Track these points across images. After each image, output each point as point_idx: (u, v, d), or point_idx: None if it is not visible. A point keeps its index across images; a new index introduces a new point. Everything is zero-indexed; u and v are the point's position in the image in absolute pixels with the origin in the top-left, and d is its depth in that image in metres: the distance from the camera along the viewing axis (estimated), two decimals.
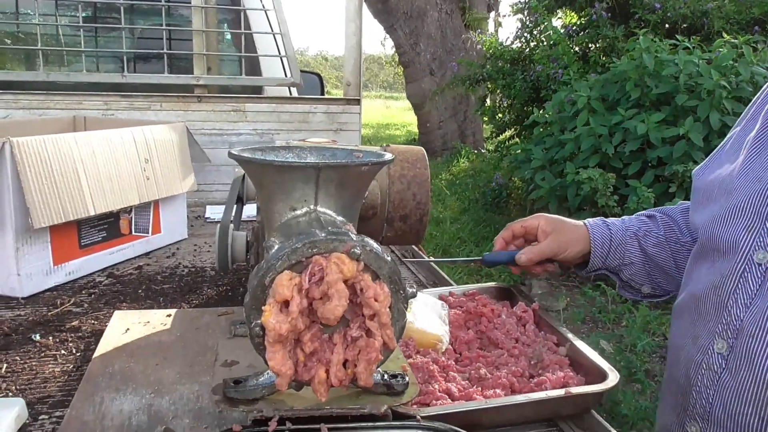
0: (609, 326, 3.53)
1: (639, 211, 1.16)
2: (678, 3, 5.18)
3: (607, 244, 1.06)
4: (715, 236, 0.88)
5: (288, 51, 2.13)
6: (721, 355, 0.84)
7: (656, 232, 1.08)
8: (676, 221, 1.09)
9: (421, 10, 8.95)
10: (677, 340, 0.95)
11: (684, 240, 1.07)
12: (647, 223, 1.09)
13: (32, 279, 1.18)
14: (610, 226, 1.07)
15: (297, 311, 0.56)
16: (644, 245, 1.07)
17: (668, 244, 1.07)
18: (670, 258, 1.07)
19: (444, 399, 0.80)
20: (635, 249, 1.07)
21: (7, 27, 2.48)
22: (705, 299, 0.89)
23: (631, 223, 1.09)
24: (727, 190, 0.89)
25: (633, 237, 1.07)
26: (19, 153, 1.10)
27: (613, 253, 1.06)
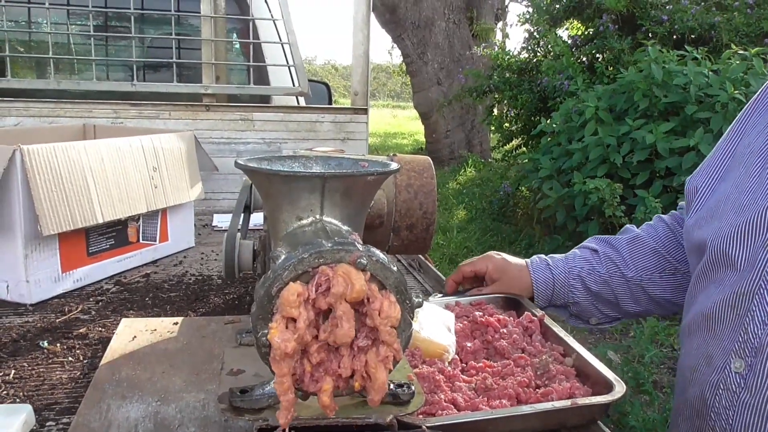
0: (616, 337, 3.51)
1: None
2: (686, 15, 5.18)
3: (550, 287, 1.10)
4: (728, 253, 0.86)
5: (296, 60, 2.14)
6: (740, 374, 0.81)
7: (599, 271, 1.11)
8: (621, 255, 1.11)
9: (428, 20, 8.98)
10: (688, 361, 0.93)
11: (629, 275, 1.10)
12: (590, 262, 1.12)
13: (41, 286, 1.18)
14: (553, 270, 1.11)
15: (304, 327, 0.56)
16: (588, 285, 1.11)
17: (611, 280, 1.10)
18: (614, 293, 1.11)
19: (450, 409, 0.80)
20: (579, 289, 1.11)
21: (19, 35, 2.51)
22: (717, 318, 0.86)
23: (574, 263, 1.13)
24: (737, 206, 0.87)
25: (576, 278, 1.11)
26: (29, 160, 1.11)
27: (557, 295, 1.11)
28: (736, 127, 0.98)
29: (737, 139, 0.96)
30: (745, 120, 0.96)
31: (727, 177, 0.94)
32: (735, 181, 0.90)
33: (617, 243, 1.13)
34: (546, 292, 1.10)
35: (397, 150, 11.67)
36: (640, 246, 1.12)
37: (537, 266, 1.11)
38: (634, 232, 1.14)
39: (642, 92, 4.07)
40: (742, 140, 0.94)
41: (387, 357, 0.58)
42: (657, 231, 1.12)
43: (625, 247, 1.12)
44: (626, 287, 1.10)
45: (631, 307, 1.12)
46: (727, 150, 0.97)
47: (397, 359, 0.59)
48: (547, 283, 1.09)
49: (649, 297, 1.11)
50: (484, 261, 1.12)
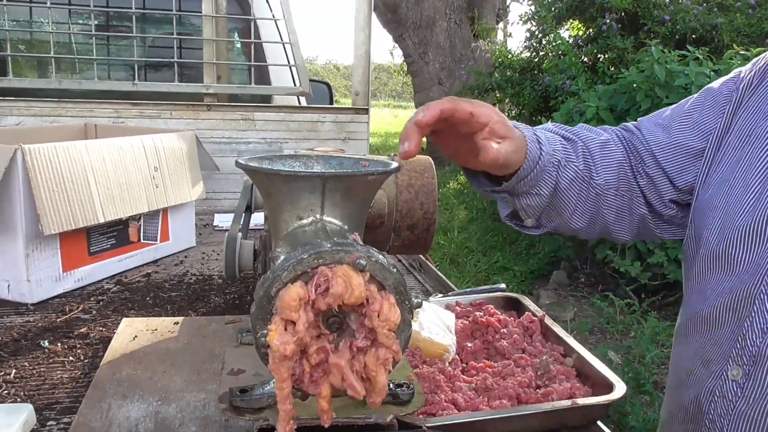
0: (617, 337, 3.51)
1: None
2: (688, 16, 5.18)
3: (531, 168, 0.86)
4: (730, 253, 0.81)
5: (297, 60, 2.14)
6: (737, 382, 0.78)
7: (575, 164, 0.91)
8: (593, 156, 0.93)
9: (430, 19, 8.98)
10: (684, 363, 0.89)
11: (597, 181, 0.92)
12: (567, 150, 0.91)
13: (42, 285, 1.18)
14: (542, 146, 0.87)
15: (303, 330, 0.56)
16: (560, 178, 0.89)
17: (581, 181, 0.91)
18: (575, 198, 0.92)
19: (450, 409, 0.80)
20: (550, 181, 0.89)
21: (21, 35, 2.51)
22: (715, 320, 0.82)
23: (556, 146, 0.89)
24: (739, 205, 0.82)
25: (555, 166, 0.89)
26: (31, 160, 1.12)
27: (530, 179, 0.87)
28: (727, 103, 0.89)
29: (730, 119, 0.88)
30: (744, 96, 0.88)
31: (722, 161, 0.87)
32: (736, 172, 0.84)
33: (589, 141, 0.94)
34: (525, 172, 0.85)
35: (398, 150, 11.64)
36: (609, 153, 0.94)
37: (531, 139, 0.86)
38: (601, 134, 0.96)
39: (644, 92, 4.07)
40: (739, 120, 0.87)
41: (386, 359, 0.58)
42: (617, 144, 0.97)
43: (597, 150, 0.94)
44: (586, 194, 0.92)
45: (575, 221, 0.94)
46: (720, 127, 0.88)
47: (396, 360, 0.59)
48: (534, 163, 0.85)
49: (598, 213, 0.94)
50: (487, 109, 0.78)
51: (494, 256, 5.12)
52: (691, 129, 0.92)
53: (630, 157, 0.96)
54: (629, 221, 0.97)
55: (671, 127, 0.94)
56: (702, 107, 0.93)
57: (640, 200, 0.95)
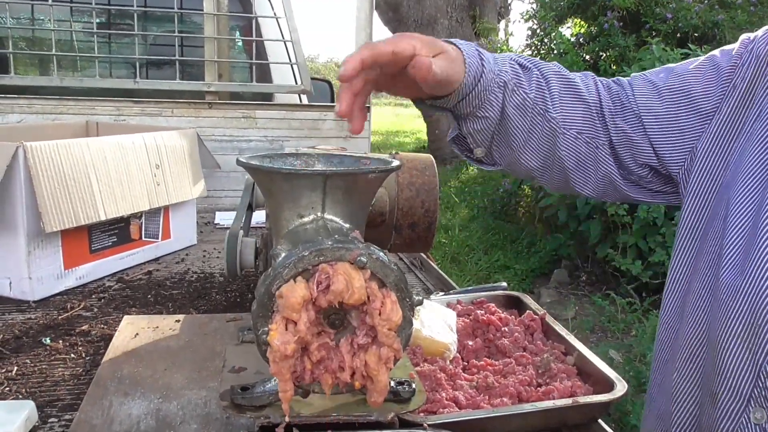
0: (618, 336, 3.51)
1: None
2: (689, 13, 5.17)
3: (470, 87, 0.79)
4: (745, 275, 0.70)
5: (299, 58, 2.14)
6: (761, 426, 0.69)
7: (525, 91, 0.83)
8: (550, 89, 0.85)
9: (431, 18, 8.97)
10: (683, 385, 0.79)
11: (552, 115, 0.84)
12: (519, 75, 0.84)
13: (43, 283, 1.19)
14: (485, 64, 0.80)
15: (305, 329, 0.56)
16: (507, 102, 0.83)
17: (533, 111, 0.84)
18: (526, 128, 0.85)
19: (451, 407, 0.80)
20: (496, 103, 0.82)
21: (23, 32, 2.51)
22: (724, 350, 0.72)
23: (504, 68, 0.83)
24: (755, 222, 0.72)
25: (500, 88, 0.82)
26: (32, 157, 1.12)
27: (471, 98, 0.81)
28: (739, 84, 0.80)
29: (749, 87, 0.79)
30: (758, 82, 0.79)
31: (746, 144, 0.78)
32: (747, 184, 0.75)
33: (549, 73, 0.87)
34: (465, 89, 0.79)
35: (399, 148, 11.66)
36: (574, 93, 0.87)
37: (470, 54, 0.79)
38: (568, 74, 0.89)
39: None
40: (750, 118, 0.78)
41: (388, 358, 0.58)
42: (590, 90, 0.89)
43: (556, 83, 0.86)
44: (540, 128, 0.85)
45: (526, 157, 0.87)
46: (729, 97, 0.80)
47: (397, 358, 0.59)
48: (475, 78, 0.79)
49: (554, 153, 0.87)
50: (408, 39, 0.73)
51: (495, 255, 5.12)
52: (688, 104, 0.84)
53: (605, 105, 0.88)
54: (593, 173, 0.89)
55: (665, 95, 0.86)
56: (703, 79, 0.84)
57: (606, 153, 0.88)
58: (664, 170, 0.87)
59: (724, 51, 0.85)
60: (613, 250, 3.99)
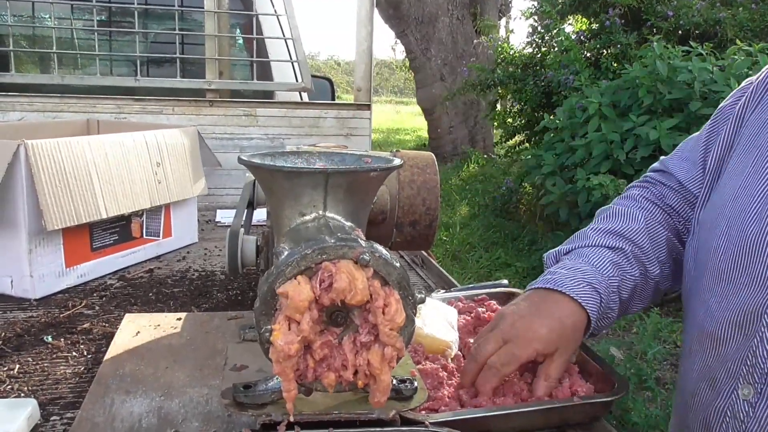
0: (619, 333, 3.51)
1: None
2: (691, 11, 5.17)
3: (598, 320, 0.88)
4: (737, 266, 0.78)
5: (299, 56, 2.14)
6: (748, 401, 0.74)
7: (631, 275, 0.93)
8: (644, 251, 0.95)
9: (432, 15, 8.97)
10: (689, 384, 0.86)
11: (654, 273, 0.95)
12: (621, 266, 0.92)
13: (44, 281, 1.19)
14: (598, 289, 0.88)
15: (308, 328, 0.56)
16: (622, 294, 0.92)
17: (640, 283, 0.94)
18: (637, 296, 0.95)
19: (453, 405, 0.80)
20: (616, 304, 0.91)
21: (23, 30, 2.51)
22: (721, 338, 0.78)
23: (608, 272, 0.91)
24: (744, 214, 0.79)
25: (615, 292, 0.91)
26: (33, 155, 1.12)
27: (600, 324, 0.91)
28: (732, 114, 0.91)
29: (736, 129, 0.89)
30: (748, 107, 0.88)
31: (729, 172, 0.87)
32: (741, 184, 0.82)
33: (635, 236, 0.95)
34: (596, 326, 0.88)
35: (400, 146, 11.66)
36: (656, 236, 0.96)
37: (584, 294, 0.86)
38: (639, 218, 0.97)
39: (646, 88, 4.06)
40: (745, 131, 0.87)
41: (392, 357, 0.58)
42: (655, 215, 0.99)
43: (645, 241, 0.95)
44: (644, 286, 0.95)
45: (636, 306, 0.97)
46: (725, 139, 0.90)
47: (400, 357, 0.59)
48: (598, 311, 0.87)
49: (657, 291, 0.98)
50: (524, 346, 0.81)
51: (496, 253, 5.12)
52: (705, 149, 0.95)
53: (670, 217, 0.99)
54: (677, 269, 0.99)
55: (691, 157, 0.97)
56: (714, 124, 0.95)
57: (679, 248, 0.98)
58: None
59: (731, 94, 0.96)
60: None
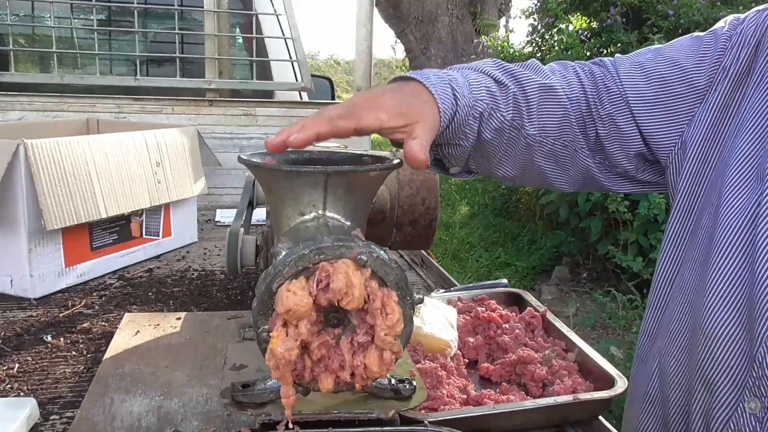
0: (619, 332, 3.51)
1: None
2: (691, 10, 5.17)
3: (445, 125, 0.77)
4: (738, 264, 0.71)
5: (299, 55, 2.14)
6: (755, 416, 0.69)
7: (501, 114, 0.81)
8: (529, 103, 0.84)
9: (432, 15, 8.96)
10: (675, 377, 0.79)
11: (529, 131, 0.83)
12: (496, 98, 0.82)
13: (44, 280, 1.19)
14: (458, 98, 0.77)
15: (306, 331, 0.56)
16: (483, 129, 0.81)
17: (510, 129, 0.83)
18: (503, 146, 0.84)
19: (452, 404, 0.80)
20: (471, 133, 0.81)
21: (23, 29, 2.51)
22: (719, 337, 0.72)
23: (479, 94, 0.80)
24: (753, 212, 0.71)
25: (477, 118, 0.80)
26: (33, 155, 1.12)
27: (446, 133, 0.79)
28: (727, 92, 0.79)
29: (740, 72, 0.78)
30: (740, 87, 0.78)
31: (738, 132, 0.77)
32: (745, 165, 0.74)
33: (528, 85, 0.84)
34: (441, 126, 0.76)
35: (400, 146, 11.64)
36: (552, 100, 0.84)
37: (443, 93, 0.76)
38: (548, 76, 0.86)
39: None
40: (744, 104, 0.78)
41: (390, 361, 0.58)
42: (571, 88, 0.87)
43: (536, 95, 0.84)
44: (515, 144, 0.84)
45: (503, 169, 0.87)
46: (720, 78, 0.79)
47: (398, 358, 0.59)
48: (449, 116, 0.76)
49: (530, 163, 0.87)
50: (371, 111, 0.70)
51: (496, 252, 5.12)
52: (680, 79, 0.81)
53: (590, 98, 0.86)
54: (572, 172, 0.88)
55: (654, 75, 0.83)
56: (694, 55, 0.82)
57: (584, 151, 0.87)
58: (652, 157, 0.85)
59: (712, 31, 0.83)
60: (614, 246, 3.99)
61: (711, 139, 0.80)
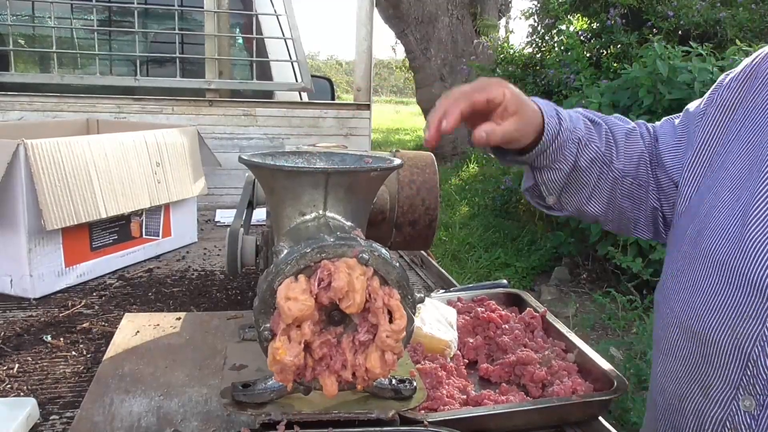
0: (619, 333, 3.51)
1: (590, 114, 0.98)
2: (691, 11, 5.17)
3: (550, 142, 0.87)
4: (735, 268, 0.74)
5: (299, 56, 2.14)
6: (750, 413, 0.72)
7: (597, 145, 0.91)
8: (616, 141, 0.94)
9: (432, 15, 8.96)
10: (676, 386, 0.82)
11: (616, 166, 0.93)
12: (591, 131, 0.92)
13: (44, 280, 1.19)
14: (562, 122, 0.88)
15: (310, 332, 0.56)
16: (580, 155, 0.90)
17: (602, 163, 0.92)
18: (594, 179, 0.93)
19: (452, 404, 0.80)
20: (570, 157, 0.90)
21: (23, 29, 2.51)
22: (714, 342, 0.75)
23: (578, 124, 0.91)
24: (744, 217, 0.76)
25: (575, 143, 0.90)
26: (33, 155, 1.12)
27: (550, 153, 0.88)
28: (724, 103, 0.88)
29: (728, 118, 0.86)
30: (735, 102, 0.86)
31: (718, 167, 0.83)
32: (735, 182, 0.80)
33: (615, 127, 0.95)
34: (544, 145, 0.87)
35: (400, 146, 11.66)
36: (634, 142, 0.95)
37: (549, 112, 0.87)
38: (629, 122, 0.98)
39: (646, 88, 4.06)
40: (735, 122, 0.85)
41: (393, 361, 0.59)
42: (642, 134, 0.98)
43: (622, 136, 0.94)
44: (605, 178, 0.93)
45: (591, 206, 0.95)
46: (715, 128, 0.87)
47: (399, 357, 0.59)
48: (553, 133, 0.86)
49: (613, 200, 0.95)
50: (499, 87, 0.81)
51: (496, 252, 5.12)
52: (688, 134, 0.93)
53: (651, 153, 0.97)
54: (644, 213, 0.96)
55: (679, 131, 0.95)
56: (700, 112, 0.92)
57: (654, 193, 0.95)
58: None
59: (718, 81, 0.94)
60: (614, 247, 3.98)
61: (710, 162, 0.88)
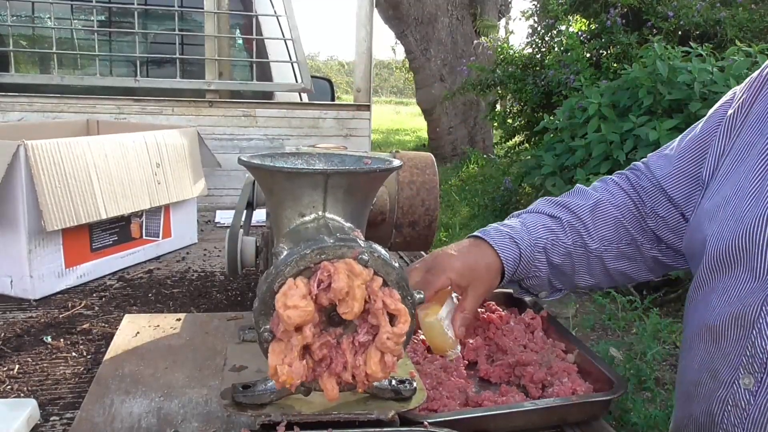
0: (619, 334, 3.51)
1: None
2: (691, 12, 5.17)
3: (516, 264, 0.95)
4: (733, 261, 0.81)
5: (299, 56, 2.14)
6: (749, 390, 0.77)
7: (563, 242, 0.99)
8: (584, 223, 1.00)
9: (432, 16, 8.97)
10: (691, 375, 0.88)
11: (592, 247, 0.99)
12: (554, 231, 0.99)
13: (44, 281, 1.19)
14: (519, 243, 0.95)
15: (311, 335, 0.56)
16: (551, 258, 0.98)
17: (574, 252, 0.99)
18: (574, 265, 1.00)
19: (451, 405, 0.80)
20: (542, 264, 0.98)
21: (23, 30, 2.51)
22: (722, 331, 0.81)
23: (537, 233, 0.98)
24: (738, 212, 0.82)
25: (541, 251, 0.98)
26: (33, 156, 1.12)
27: (519, 271, 0.97)
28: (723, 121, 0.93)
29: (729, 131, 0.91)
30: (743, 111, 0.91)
31: (726, 172, 0.89)
32: (736, 181, 0.85)
33: (579, 210, 1.01)
34: (511, 271, 0.95)
35: (400, 146, 11.66)
36: (603, 214, 1.01)
37: (502, 244, 0.94)
38: (593, 196, 1.03)
39: (646, 89, 4.06)
40: (740, 136, 0.89)
41: (393, 363, 0.59)
42: (615, 197, 1.03)
43: (588, 215, 1.00)
44: (586, 259, 1.00)
45: (584, 280, 1.02)
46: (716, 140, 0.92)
47: (398, 359, 0.59)
48: (514, 261, 0.94)
49: (605, 270, 1.02)
50: (442, 274, 0.90)
51: None
52: (694, 154, 0.96)
53: (633, 201, 1.02)
54: (644, 264, 1.02)
55: (676, 156, 0.98)
56: (704, 131, 0.96)
57: (646, 245, 1.01)
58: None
59: (718, 102, 0.98)
60: None
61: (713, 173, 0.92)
